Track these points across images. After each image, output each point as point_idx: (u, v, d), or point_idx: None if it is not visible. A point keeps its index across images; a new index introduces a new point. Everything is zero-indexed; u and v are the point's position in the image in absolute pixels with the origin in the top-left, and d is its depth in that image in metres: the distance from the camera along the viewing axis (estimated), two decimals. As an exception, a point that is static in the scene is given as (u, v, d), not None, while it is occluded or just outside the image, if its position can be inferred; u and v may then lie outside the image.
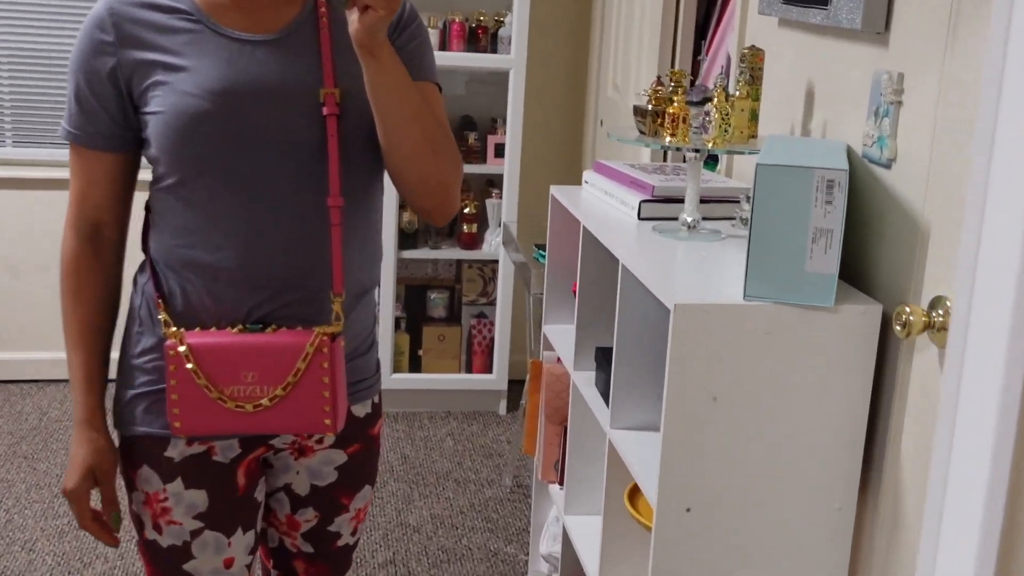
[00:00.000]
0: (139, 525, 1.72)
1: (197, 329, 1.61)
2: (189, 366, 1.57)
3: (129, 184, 1.69)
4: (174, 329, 1.60)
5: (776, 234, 1.61)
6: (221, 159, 1.57)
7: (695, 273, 1.80)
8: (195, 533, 1.69)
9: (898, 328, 1.54)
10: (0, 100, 4.38)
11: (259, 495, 1.77)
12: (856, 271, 1.81)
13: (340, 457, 1.79)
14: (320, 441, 1.75)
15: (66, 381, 4.49)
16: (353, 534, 1.88)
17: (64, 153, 4.40)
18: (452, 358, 4.30)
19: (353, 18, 1.47)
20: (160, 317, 1.63)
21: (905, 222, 1.68)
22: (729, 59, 2.84)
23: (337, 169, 1.60)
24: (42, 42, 4.36)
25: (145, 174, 1.69)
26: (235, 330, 1.60)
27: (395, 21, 1.66)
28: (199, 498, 1.68)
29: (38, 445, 3.91)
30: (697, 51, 3.27)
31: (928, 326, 1.53)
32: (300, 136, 1.59)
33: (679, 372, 1.64)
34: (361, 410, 1.80)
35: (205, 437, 1.66)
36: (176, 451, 1.67)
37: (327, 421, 1.60)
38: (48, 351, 4.51)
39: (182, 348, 1.58)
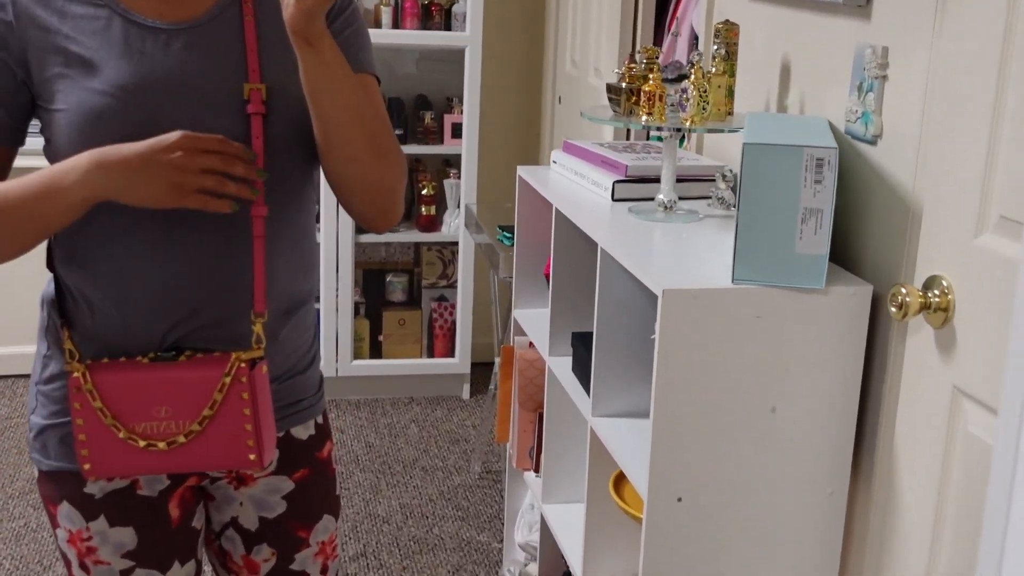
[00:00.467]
0: (66, 562, 1.58)
1: (105, 360, 1.44)
2: (96, 404, 1.41)
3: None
4: (77, 362, 1.43)
5: (764, 215, 1.57)
6: None
7: (678, 256, 1.75)
8: (126, 572, 1.55)
9: (893, 309, 1.50)
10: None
11: (197, 522, 1.61)
12: (843, 251, 1.77)
13: (286, 485, 1.61)
14: None
15: (12, 377, 4.37)
16: (324, 572, 1.69)
17: None
18: (413, 342, 4.23)
19: (288, 1, 1.29)
20: (66, 347, 1.45)
21: (894, 200, 1.64)
22: (695, 34, 2.79)
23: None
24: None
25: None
26: (146, 359, 1.44)
27: None
28: (126, 536, 1.54)
29: (-11, 444, 3.80)
30: (659, 25, 3.21)
31: (924, 307, 1.49)
32: None
33: (668, 359, 1.59)
34: (303, 432, 1.62)
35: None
36: (97, 487, 1.51)
37: (252, 456, 1.44)
38: (-5, 346, 4.38)
39: (87, 384, 1.41)
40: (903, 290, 1.49)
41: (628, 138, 3.09)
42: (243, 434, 1.43)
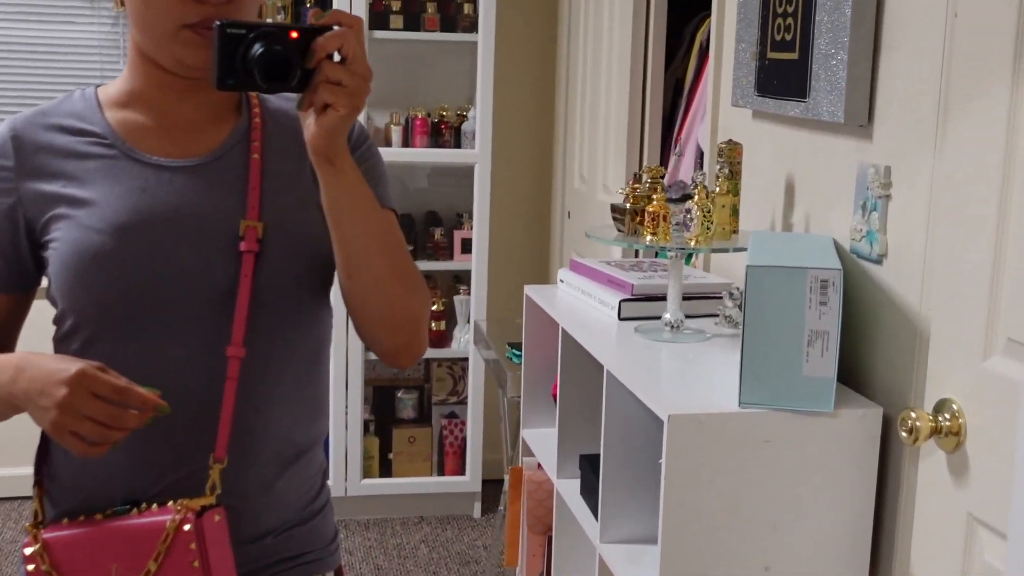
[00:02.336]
0: None
1: (65, 521, 1.38)
2: (44, 567, 1.34)
3: (11, 330, 1.46)
4: (33, 526, 1.38)
5: (770, 338, 1.55)
6: (123, 306, 1.35)
7: (684, 379, 1.72)
8: None
9: (904, 434, 1.46)
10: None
11: None
12: (851, 372, 1.74)
13: None
14: None
15: (16, 498, 4.32)
16: None
17: None
18: (423, 460, 4.18)
19: (309, 121, 1.27)
20: (34, 507, 1.40)
21: (901, 320, 1.62)
22: (701, 152, 2.81)
23: (244, 315, 1.37)
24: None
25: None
26: (102, 515, 1.37)
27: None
28: None
29: (-7, 567, 3.74)
30: (665, 141, 3.24)
31: (935, 431, 1.45)
32: (215, 277, 1.37)
33: (676, 485, 1.56)
34: None
35: None
36: None
37: None
38: None
39: (36, 547, 1.35)
40: (913, 414, 1.45)
41: (636, 256, 3.09)
42: None
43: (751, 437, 1.56)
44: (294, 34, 1.26)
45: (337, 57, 1.26)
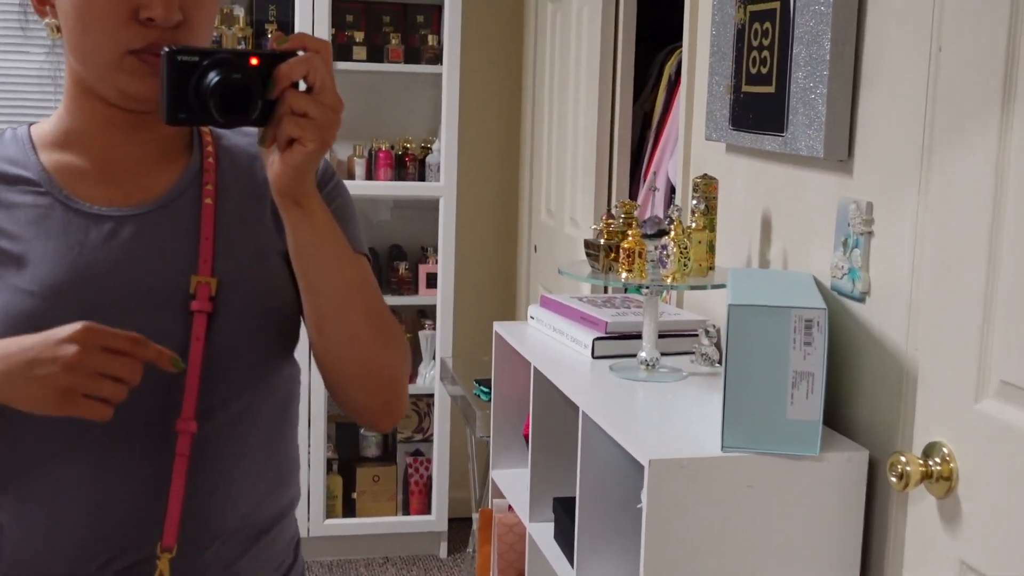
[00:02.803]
0: None
1: None
2: None
3: None
4: None
5: (753, 380, 1.50)
6: None
7: (663, 420, 1.67)
8: None
9: (894, 479, 1.41)
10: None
11: None
12: (832, 413, 1.69)
13: None
14: None
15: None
16: None
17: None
18: (388, 499, 4.09)
19: (272, 159, 1.12)
20: None
21: (886, 360, 1.57)
22: (671, 186, 2.77)
23: (196, 383, 1.20)
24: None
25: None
26: None
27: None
28: None
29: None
30: (633, 175, 3.20)
31: (926, 476, 1.41)
32: (162, 341, 1.17)
33: (657, 531, 1.50)
34: None
35: None
36: None
37: None
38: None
39: None
40: (903, 459, 1.41)
41: (606, 291, 3.04)
42: None
43: (734, 482, 1.51)
44: (254, 60, 1.11)
45: (303, 86, 1.12)
